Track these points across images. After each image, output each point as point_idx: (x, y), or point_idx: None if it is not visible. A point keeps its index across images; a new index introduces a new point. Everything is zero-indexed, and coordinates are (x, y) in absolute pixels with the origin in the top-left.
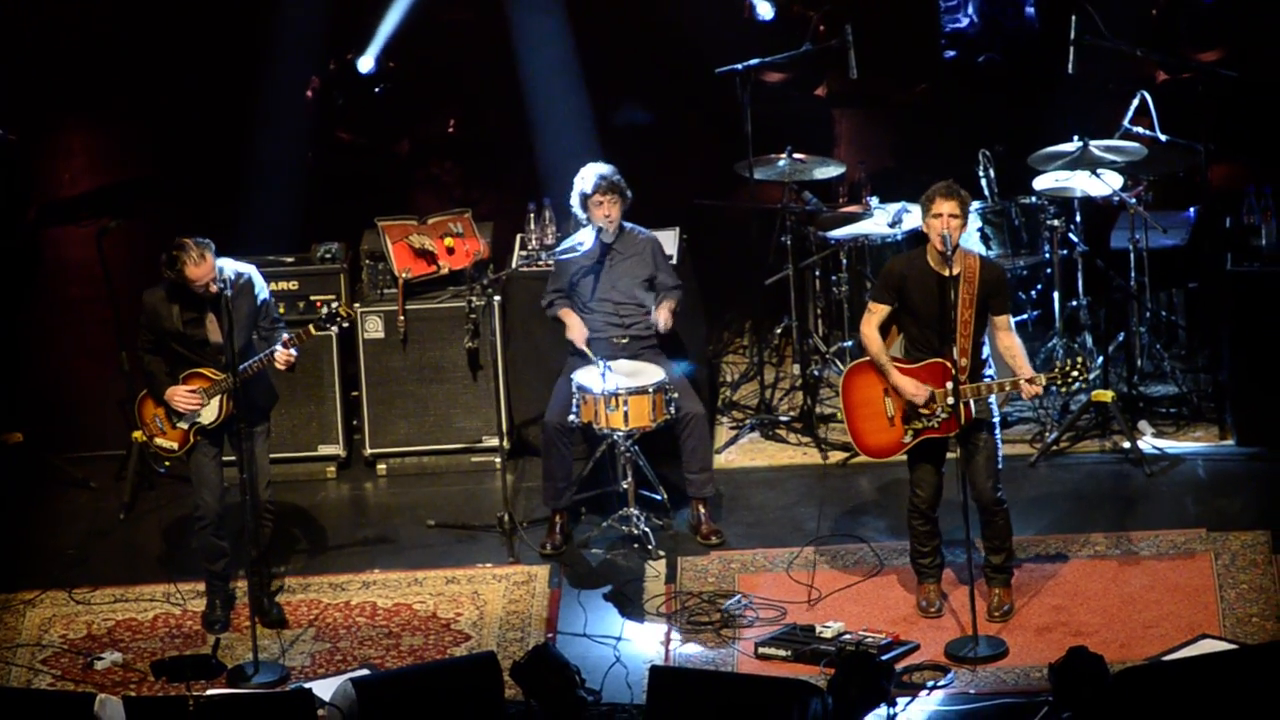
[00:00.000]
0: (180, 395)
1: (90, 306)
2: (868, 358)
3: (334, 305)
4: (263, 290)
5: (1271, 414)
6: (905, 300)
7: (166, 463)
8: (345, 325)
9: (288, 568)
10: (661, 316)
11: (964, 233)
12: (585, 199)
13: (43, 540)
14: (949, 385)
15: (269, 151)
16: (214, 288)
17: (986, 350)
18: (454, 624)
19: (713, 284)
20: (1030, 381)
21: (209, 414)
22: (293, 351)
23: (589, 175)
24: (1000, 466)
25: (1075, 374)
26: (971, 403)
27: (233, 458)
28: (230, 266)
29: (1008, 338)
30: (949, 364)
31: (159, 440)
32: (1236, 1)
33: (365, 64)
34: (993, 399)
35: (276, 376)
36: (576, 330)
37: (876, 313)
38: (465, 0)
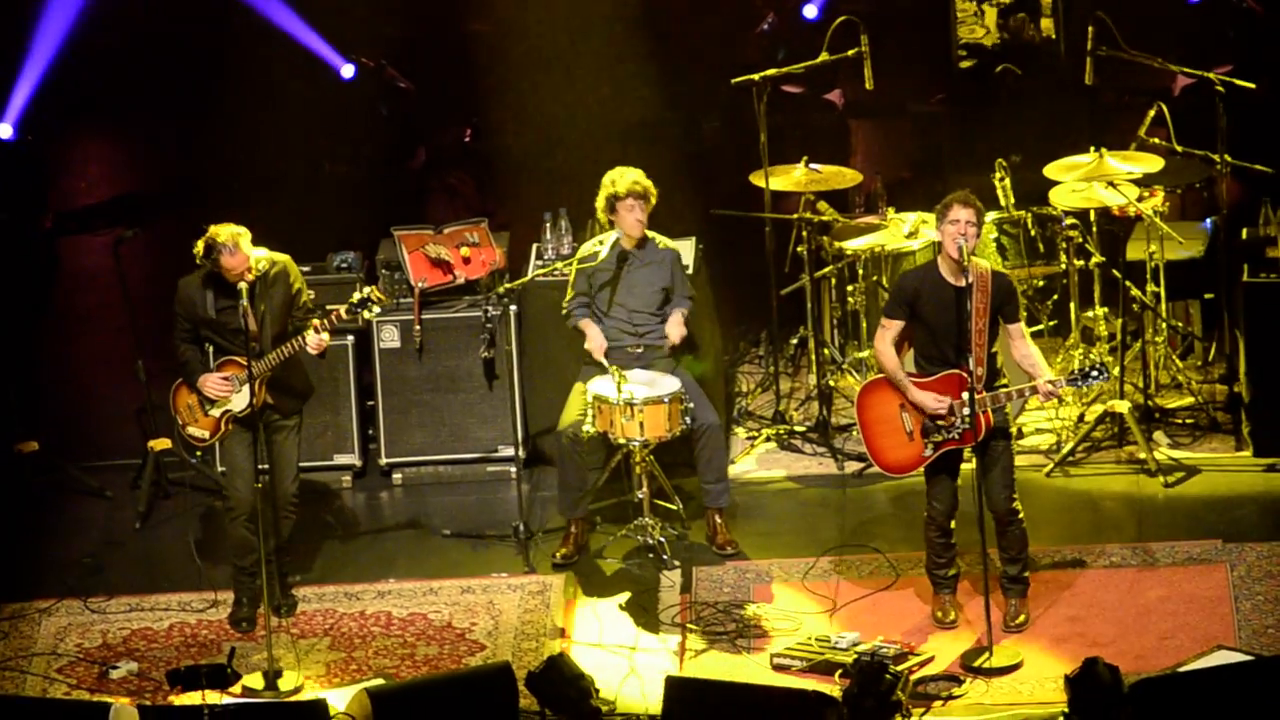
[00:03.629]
0: (212, 382)
1: (106, 315)
2: (881, 375)
3: (366, 290)
4: (298, 279)
5: None
6: (919, 313)
7: (199, 452)
8: (379, 310)
9: (303, 577)
10: (674, 328)
11: (977, 242)
12: (615, 201)
13: (58, 549)
14: (966, 395)
15: (285, 161)
16: (249, 276)
17: (1000, 360)
18: (469, 633)
19: (729, 294)
20: (1052, 384)
21: (240, 401)
22: (324, 336)
23: (620, 179)
24: (1013, 477)
25: (1095, 374)
26: (990, 411)
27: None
28: (266, 256)
29: (1024, 345)
30: (965, 374)
31: (191, 428)
32: (1252, 15)
33: (346, 71)
34: (1011, 409)
35: (311, 363)
36: (595, 341)
37: (890, 328)
38: (483, 11)
